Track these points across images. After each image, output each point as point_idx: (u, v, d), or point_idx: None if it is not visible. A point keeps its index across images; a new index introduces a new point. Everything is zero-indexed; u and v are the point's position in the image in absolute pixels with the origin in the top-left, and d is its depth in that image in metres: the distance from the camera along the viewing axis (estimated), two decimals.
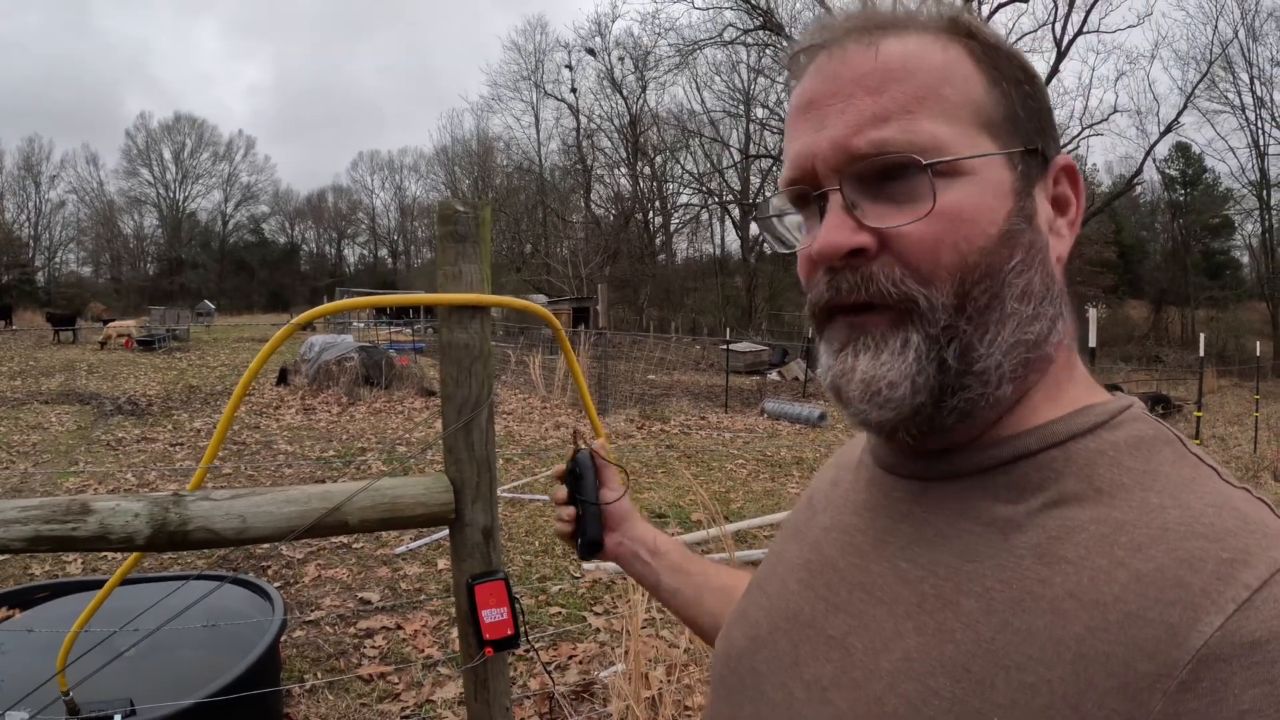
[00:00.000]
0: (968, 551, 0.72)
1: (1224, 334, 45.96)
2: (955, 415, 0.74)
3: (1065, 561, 0.66)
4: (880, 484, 0.86)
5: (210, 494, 1.80)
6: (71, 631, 2.35)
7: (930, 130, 0.72)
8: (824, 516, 0.93)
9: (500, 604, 2.01)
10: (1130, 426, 0.74)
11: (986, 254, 0.72)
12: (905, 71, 0.73)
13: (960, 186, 0.72)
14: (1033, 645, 0.63)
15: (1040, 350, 0.75)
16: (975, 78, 0.75)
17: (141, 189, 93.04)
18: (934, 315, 0.72)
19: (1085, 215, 0.92)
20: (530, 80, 69.57)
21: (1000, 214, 0.73)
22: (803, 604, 0.86)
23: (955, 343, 0.72)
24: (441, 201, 1.97)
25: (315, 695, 4.31)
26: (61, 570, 6.18)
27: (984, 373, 0.73)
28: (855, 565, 0.82)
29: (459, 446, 1.99)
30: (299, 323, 2.13)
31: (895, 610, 0.75)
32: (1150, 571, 0.61)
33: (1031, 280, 0.74)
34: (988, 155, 0.73)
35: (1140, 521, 0.65)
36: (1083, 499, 0.69)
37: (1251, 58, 48.31)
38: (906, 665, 0.70)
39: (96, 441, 11.88)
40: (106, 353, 27.94)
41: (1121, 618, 0.60)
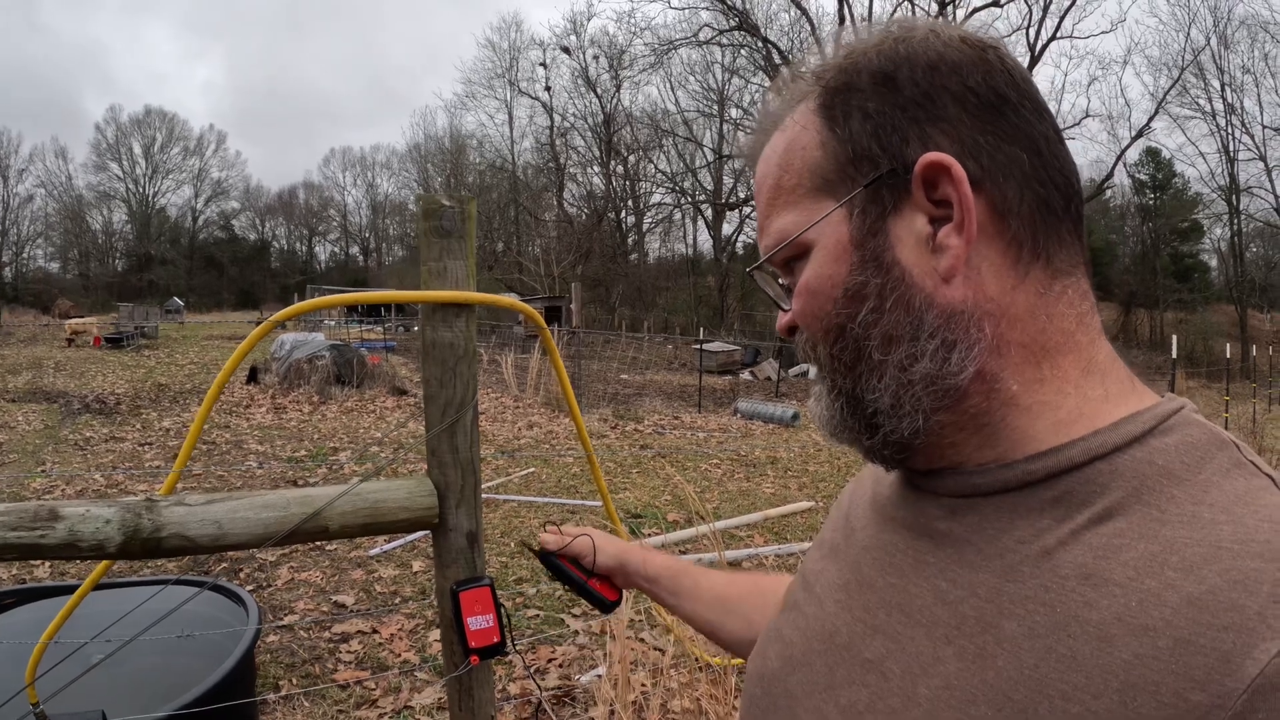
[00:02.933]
0: (1009, 571, 0.68)
1: (1193, 336, 46.68)
2: (891, 448, 0.78)
3: (1112, 583, 0.62)
4: (918, 502, 0.82)
5: (185, 499, 1.73)
6: (40, 642, 2.28)
7: (779, 226, 0.80)
8: (861, 535, 0.89)
9: (486, 610, 1.95)
10: (1181, 431, 0.69)
11: (835, 316, 0.76)
12: (761, 179, 0.82)
13: (810, 261, 0.78)
14: (1078, 673, 0.60)
15: (947, 382, 0.72)
16: (813, 139, 0.77)
17: (111, 184, 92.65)
18: (823, 371, 0.80)
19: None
20: (505, 78, 69.82)
21: (840, 274, 0.75)
22: (839, 625, 0.83)
23: (842, 394, 0.78)
24: (425, 195, 1.91)
25: (291, 702, 4.23)
26: (29, 574, 6.06)
27: (882, 412, 0.75)
28: (894, 585, 0.79)
29: (443, 449, 1.94)
30: (276, 320, 2.06)
31: (934, 633, 0.71)
32: (1202, 594, 0.57)
33: (891, 323, 0.73)
34: (810, 227, 0.77)
35: (1192, 539, 0.61)
36: (1130, 514, 0.65)
37: (1223, 64, 49.35)
38: (946, 692, 0.67)
39: (64, 441, 11.73)
40: (74, 350, 27.68)
41: (1172, 644, 0.56)
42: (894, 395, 0.74)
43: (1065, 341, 0.73)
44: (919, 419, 0.73)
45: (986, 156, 0.71)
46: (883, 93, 0.73)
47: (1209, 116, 50.81)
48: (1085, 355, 0.74)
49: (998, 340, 0.72)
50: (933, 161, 0.71)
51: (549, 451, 11.67)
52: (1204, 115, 50.93)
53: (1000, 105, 0.73)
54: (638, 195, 65.65)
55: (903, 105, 0.73)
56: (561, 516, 7.97)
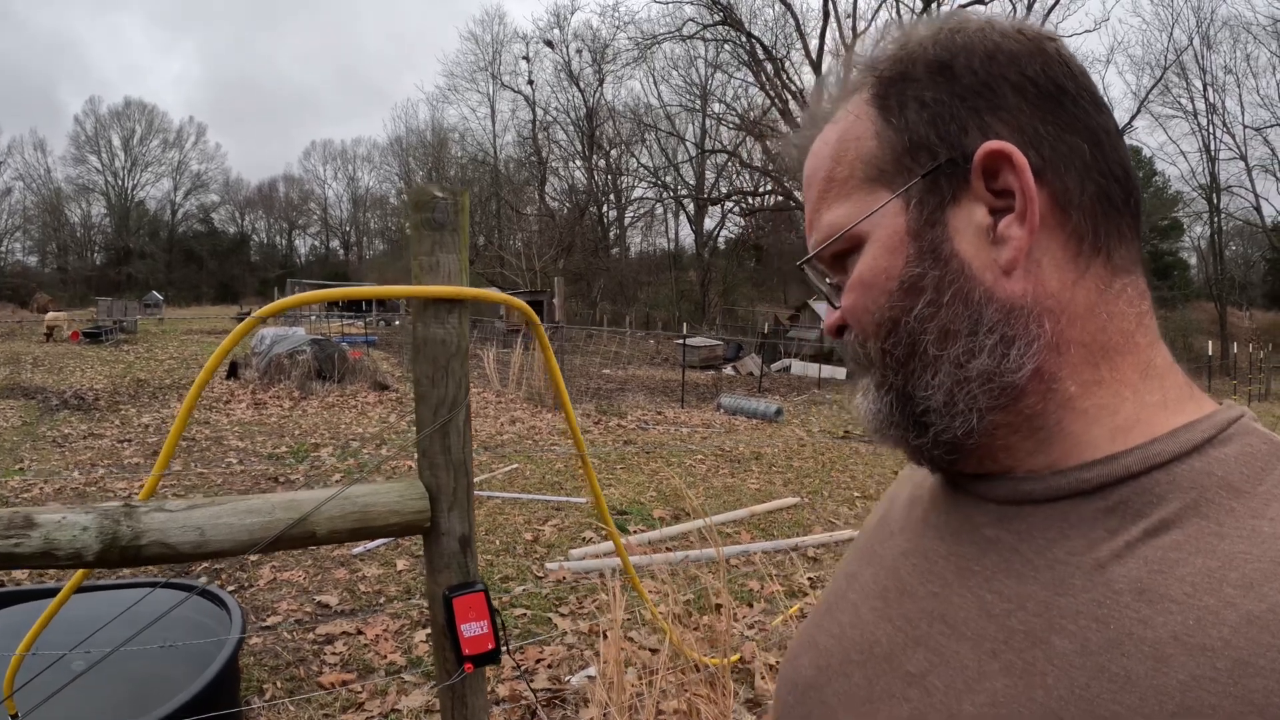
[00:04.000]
0: (1060, 584, 0.65)
1: (1173, 333, 47.12)
2: (942, 448, 0.75)
3: (1169, 600, 0.59)
4: (963, 506, 0.79)
5: (165, 504, 1.66)
6: (17, 653, 2.22)
7: (829, 220, 0.77)
8: (901, 539, 0.86)
9: (480, 617, 1.91)
10: (1241, 441, 0.66)
11: (889, 310, 0.73)
12: (812, 171, 0.80)
13: (864, 254, 0.75)
14: (1132, 694, 0.57)
15: (1005, 379, 0.69)
16: (868, 130, 0.75)
17: (89, 176, 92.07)
18: (873, 368, 0.77)
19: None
20: (487, 71, 69.73)
21: (896, 266, 0.73)
22: (879, 635, 0.79)
23: (892, 391, 0.75)
24: (417, 186, 1.85)
25: (275, 706, 4.16)
26: (8, 576, 5.96)
27: (934, 410, 0.73)
28: (936, 595, 0.76)
29: (435, 450, 1.88)
30: (261, 315, 2.00)
31: (980, 647, 0.68)
32: (1263, 613, 0.55)
33: (949, 318, 0.71)
34: (867, 216, 0.74)
35: (1252, 554, 0.58)
36: (1188, 526, 0.62)
37: (1205, 64, 49.90)
38: (992, 710, 0.64)
39: (42, 438, 11.60)
40: (52, 345, 27.48)
41: (1231, 665, 0.54)
42: (948, 393, 0.71)
43: (1125, 342, 0.70)
44: (973, 418, 0.71)
45: (1048, 147, 0.69)
46: (940, 82, 0.71)
47: (1190, 116, 51.39)
48: (1144, 358, 0.71)
49: (1057, 338, 0.69)
50: (994, 150, 0.68)
51: (532, 447, 11.63)
52: (1186, 114, 51.54)
53: (1059, 96, 0.70)
54: (620, 189, 65.82)
55: (961, 94, 0.70)
56: (547, 514, 7.91)
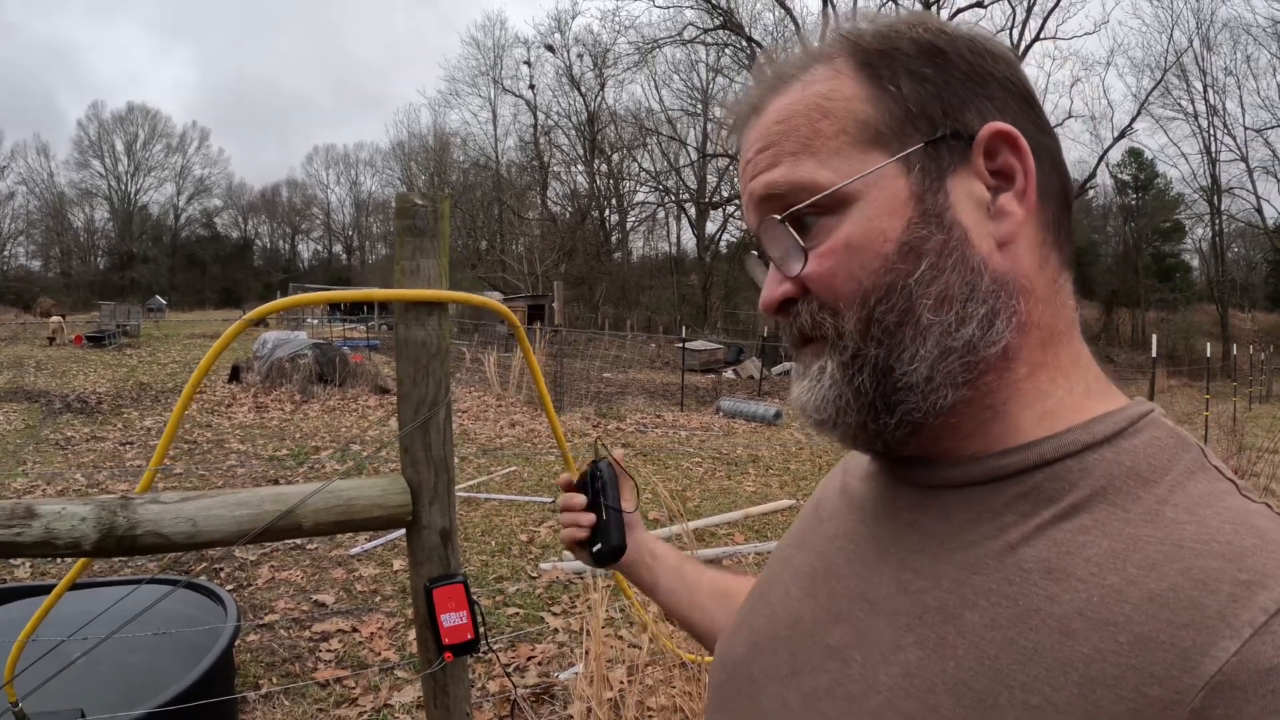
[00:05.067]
0: (973, 564, 0.69)
1: (1174, 335, 46.93)
2: (903, 429, 0.74)
3: (1075, 578, 0.63)
4: (887, 492, 0.83)
5: (159, 497, 1.74)
6: (18, 641, 2.28)
7: (808, 169, 0.74)
8: (830, 524, 0.90)
9: (459, 607, 1.97)
10: (1149, 433, 0.71)
11: (884, 273, 0.72)
12: (781, 124, 0.76)
13: (848, 216, 0.73)
14: (1039, 665, 0.61)
15: (981, 353, 0.71)
16: (858, 93, 0.74)
17: (93, 181, 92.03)
18: (842, 343, 0.74)
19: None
20: (489, 76, 69.57)
21: (895, 228, 0.72)
22: (804, 612, 0.83)
23: (867, 368, 0.73)
24: (399, 194, 1.92)
25: (271, 701, 4.22)
26: (10, 574, 6.05)
27: (914, 387, 0.72)
28: (858, 574, 0.80)
29: (416, 447, 1.95)
30: (251, 318, 2.08)
31: (895, 622, 0.72)
32: (1163, 591, 0.58)
33: (948, 284, 0.71)
34: (860, 177, 0.73)
35: (1155, 537, 0.62)
36: (1096, 511, 0.66)
37: (1205, 66, 49.62)
38: (906, 680, 0.68)
39: (45, 440, 11.67)
40: (55, 349, 27.53)
41: (1132, 640, 0.57)
42: (930, 366, 0.71)
43: (1066, 332, 0.76)
44: (947, 394, 0.72)
45: (1032, 140, 0.73)
46: (936, 63, 0.74)
47: (1191, 117, 51.13)
48: (1076, 349, 0.76)
49: (1025, 318, 0.73)
50: (1000, 130, 0.72)
51: (530, 450, 11.67)
52: (1186, 116, 51.25)
53: (1031, 99, 0.76)
54: (621, 194, 65.60)
55: (956, 78, 0.74)
56: (542, 516, 7.98)
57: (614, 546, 1.36)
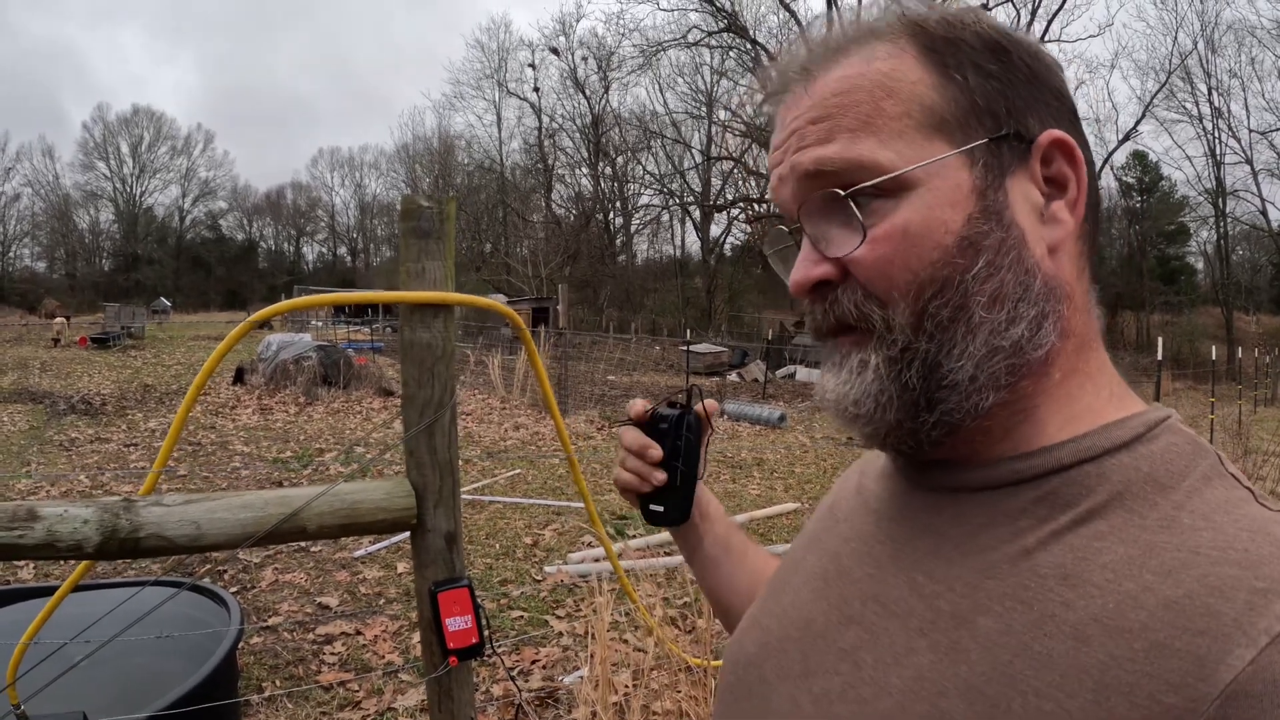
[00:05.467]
0: (988, 568, 0.69)
1: (1179, 338, 46.93)
2: (940, 429, 0.72)
3: (1090, 584, 0.62)
4: (903, 494, 0.83)
5: (162, 499, 1.73)
6: (21, 642, 2.28)
7: (869, 149, 0.71)
8: (844, 525, 0.90)
9: (464, 611, 1.96)
10: (1166, 439, 0.70)
11: (942, 266, 0.70)
12: (840, 96, 0.73)
13: (907, 203, 0.70)
14: (1052, 671, 0.60)
15: (1027, 355, 0.71)
16: (923, 78, 0.72)
17: (98, 183, 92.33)
18: (891, 336, 0.72)
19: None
20: (493, 79, 69.76)
21: (956, 221, 0.70)
22: (816, 614, 0.83)
23: (916, 363, 0.71)
24: (405, 197, 1.92)
25: (274, 704, 4.22)
26: (13, 575, 6.04)
27: (957, 385, 0.70)
28: (871, 576, 0.79)
29: (421, 450, 1.94)
30: (257, 319, 2.07)
31: (908, 625, 0.72)
32: (1179, 598, 0.58)
33: (1003, 282, 0.70)
34: (927, 163, 0.70)
35: (1171, 544, 0.62)
36: (1112, 517, 0.66)
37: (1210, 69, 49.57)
38: (918, 684, 0.67)
39: (49, 442, 11.69)
40: (60, 350, 27.58)
41: (1148, 647, 0.57)
42: (976, 365, 0.70)
43: (1094, 340, 0.76)
44: (988, 396, 0.71)
45: (1080, 150, 0.73)
46: (1001, 61, 0.73)
47: (1196, 120, 51.17)
48: (1102, 356, 0.76)
49: (1066, 323, 0.73)
50: (1059, 138, 0.72)
51: (535, 453, 11.68)
52: (1191, 119, 51.30)
53: (1076, 113, 0.76)
54: (626, 197, 65.83)
55: (1020, 79, 0.73)
56: (547, 519, 7.97)
57: (677, 517, 1.22)
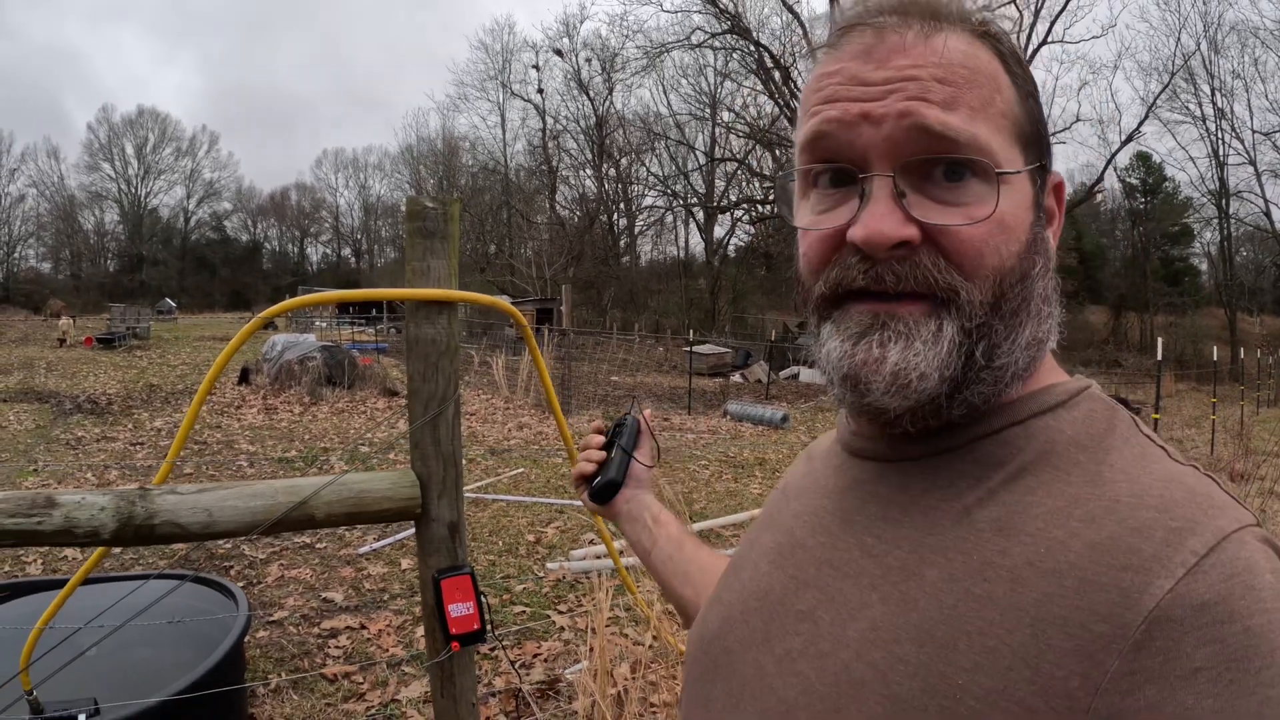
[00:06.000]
0: (931, 526, 0.75)
1: (1182, 339, 46.77)
2: (963, 407, 0.76)
3: (1023, 533, 0.69)
4: (849, 468, 0.89)
5: (176, 488, 1.80)
6: (34, 630, 2.33)
7: (987, 136, 0.73)
8: (795, 503, 0.96)
9: (466, 598, 2.02)
10: (1086, 405, 0.78)
11: (1021, 259, 0.76)
12: (968, 72, 0.74)
13: (1003, 195, 0.74)
14: (993, 610, 0.66)
15: (1043, 348, 0.80)
16: (1010, 88, 0.77)
17: (103, 184, 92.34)
18: (972, 310, 0.74)
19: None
20: (497, 80, 69.64)
21: (1027, 222, 0.77)
22: (773, 583, 0.88)
23: (985, 340, 0.75)
24: (410, 197, 1.98)
25: (280, 695, 4.28)
26: (21, 570, 6.11)
27: (1003, 367, 0.76)
28: (823, 544, 0.85)
29: (425, 442, 2.00)
30: (265, 317, 2.13)
31: (861, 583, 0.78)
32: (1103, 540, 0.64)
33: (1048, 284, 0.80)
34: (1022, 171, 0.76)
35: (1093, 495, 0.69)
36: (1040, 474, 0.73)
37: (1213, 70, 49.30)
38: (873, 633, 0.73)
39: (56, 440, 11.74)
40: (65, 350, 27.64)
41: (1077, 583, 0.63)
42: (1019, 353, 0.76)
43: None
44: (1014, 386, 0.78)
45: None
46: (1036, 98, 0.81)
47: (1199, 121, 50.96)
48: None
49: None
50: (1060, 181, 0.84)
51: (538, 452, 11.72)
52: (1194, 120, 51.06)
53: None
54: (630, 198, 65.67)
55: (1044, 118, 0.83)
56: (550, 516, 8.02)
57: (609, 480, 1.42)
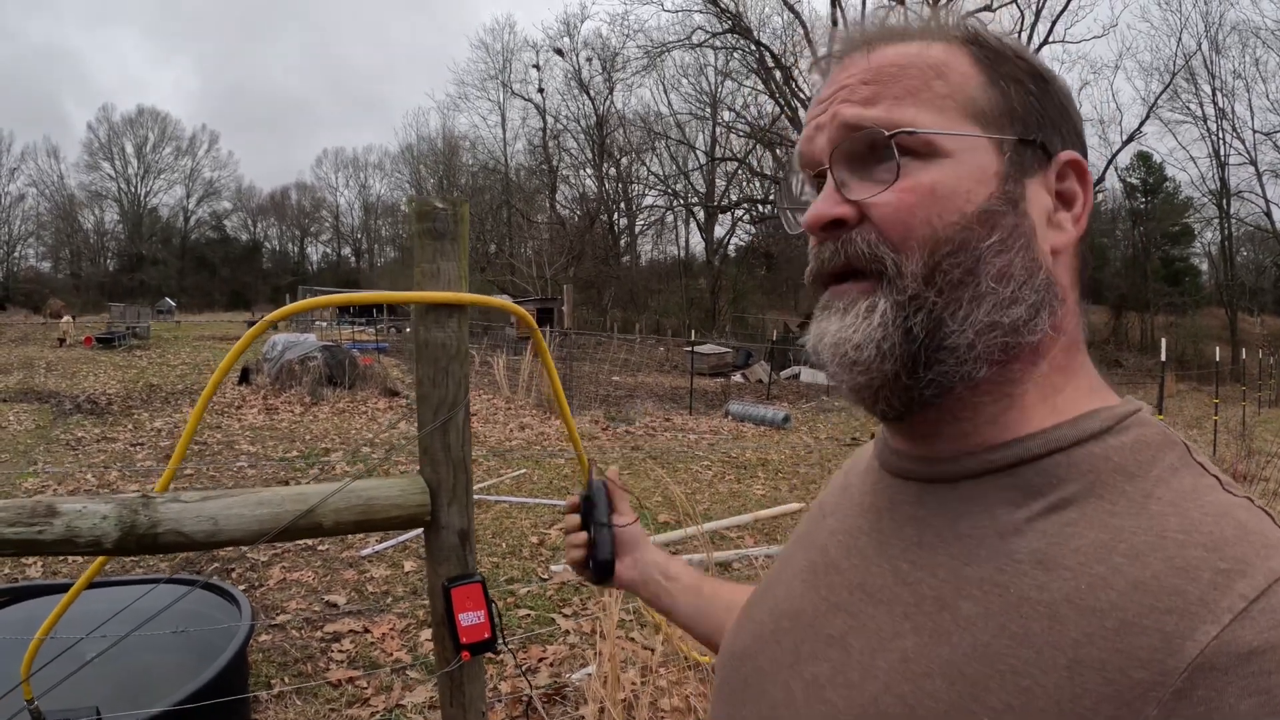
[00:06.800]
0: (967, 555, 0.73)
1: (1183, 339, 46.83)
2: (932, 388, 0.75)
3: (1063, 567, 0.66)
4: (886, 487, 0.86)
5: (180, 495, 1.75)
6: (36, 638, 2.29)
7: (911, 115, 0.75)
8: (831, 520, 0.94)
9: (477, 607, 1.98)
10: (1136, 431, 0.74)
11: (960, 229, 0.74)
12: (896, 69, 0.78)
13: (938, 166, 0.75)
14: (1029, 649, 0.64)
15: (1022, 337, 0.75)
16: (973, 75, 0.78)
17: (102, 183, 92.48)
18: (902, 282, 0.74)
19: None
20: (497, 79, 69.75)
21: (979, 194, 0.75)
22: (805, 604, 0.87)
23: (923, 313, 0.74)
24: (419, 198, 1.94)
25: (283, 700, 4.25)
26: (21, 574, 6.08)
27: (956, 349, 0.74)
28: (857, 566, 0.83)
29: (435, 448, 1.96)
30: (274, 318, 2.09)
31: (894, 611, 0.75)
32: (1147, 579, 0.62)
33: (1011, 262, 0.75)
34: (962, 135, 0.76)
35: (1139, 529, 0.66)
36: (1084, 504, 0.70)
37: (1214, 69, 49.37)
38: (903, 666, 0.71)
39: (55, 441, 11.73)
40: (65, 350, 27.64)
41: (1118, 625, 0.60)
42: (977, 333, 0.74)
43: (1080, 342, 0.81)
44: (982, 368, 0.74)
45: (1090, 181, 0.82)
46: (1040, 86, 0.80)
47: (1200, 121, 51.06)
48: (1083, 357, 0.82)
49: (1059, 320, 0.78)
50: (1075, 159, 0.80)
51: (540, 453, 11.70)
52: (1195, 120, 51.17)
53: (1086, 151, 0.83)
54: (630, 197, 65.78)
55: (1053, 105, 0.80)
56: (553, 518, 7.99)
57: (600, 562, 1.37)
